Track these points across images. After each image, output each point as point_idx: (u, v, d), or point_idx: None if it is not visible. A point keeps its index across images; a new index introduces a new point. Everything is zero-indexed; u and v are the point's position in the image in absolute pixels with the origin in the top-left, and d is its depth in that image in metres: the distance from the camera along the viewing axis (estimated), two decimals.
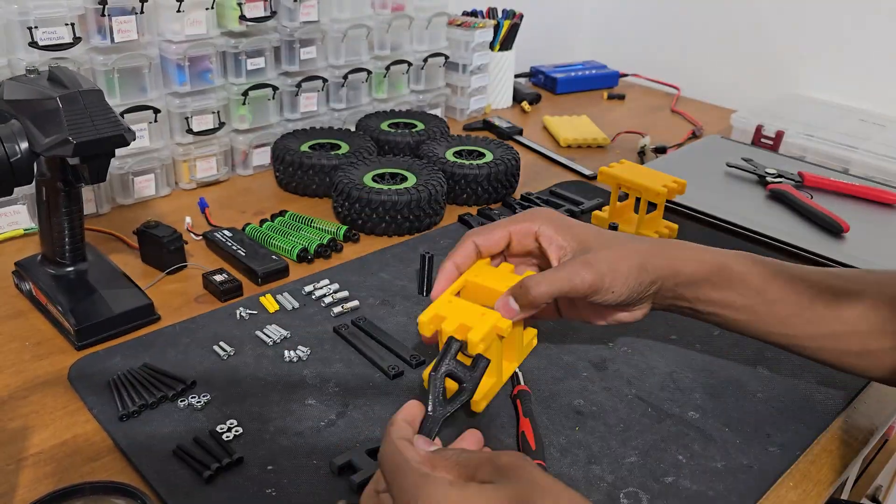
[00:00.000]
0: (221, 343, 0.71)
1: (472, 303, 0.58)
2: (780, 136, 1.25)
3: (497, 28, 1.41)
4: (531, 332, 0.66)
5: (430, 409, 0.50)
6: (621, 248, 0.58)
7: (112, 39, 0.91)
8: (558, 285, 0.56)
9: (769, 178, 1.08)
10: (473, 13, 1.45)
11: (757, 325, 0.59)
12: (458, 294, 0.61)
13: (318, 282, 0.81)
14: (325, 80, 1.14)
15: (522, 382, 0.66)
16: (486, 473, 0.41)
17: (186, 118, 1.00)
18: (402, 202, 0.91)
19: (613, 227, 0.86)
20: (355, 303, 0.78)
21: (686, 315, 0.62)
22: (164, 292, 0.80)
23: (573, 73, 1.59)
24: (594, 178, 1.14)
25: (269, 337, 0.72)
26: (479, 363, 0.54)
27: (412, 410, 0.48)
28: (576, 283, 0.55)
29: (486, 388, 0.59)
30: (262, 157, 1.11)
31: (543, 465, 0.57)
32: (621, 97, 1.56)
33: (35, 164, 0.67)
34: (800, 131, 1.25)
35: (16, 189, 0.67)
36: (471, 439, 0.49)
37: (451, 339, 0.55)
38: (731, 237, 0.96)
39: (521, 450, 0.58)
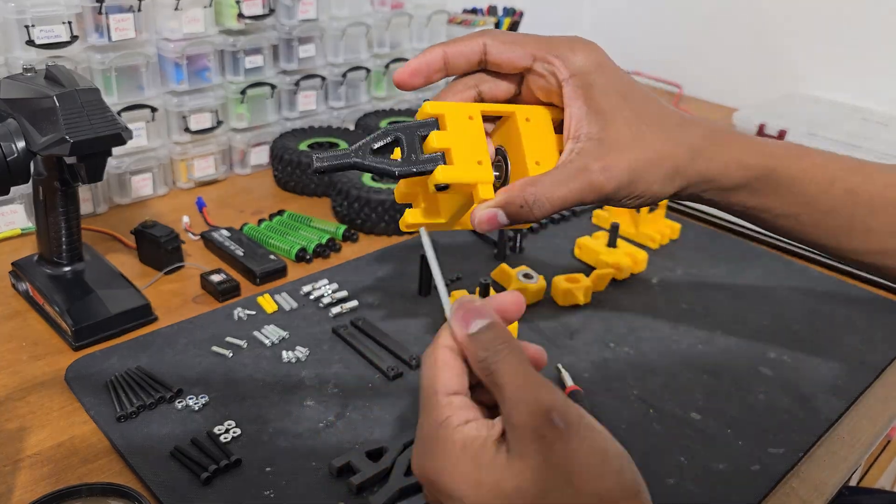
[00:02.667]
0: (219, 344, 0.70)
1: (481, 139, 0.45)
2: (782, 134, 1.24)
3: (497, 26, 1.40)
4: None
5: (352, 148, 0.43)
6: (653, 148, 0.46)
7: (109, 38, 0.91)
8: (564, 202, 0.44)
9: None
10: (473, 11, 1.45)
11: (800, 232, 0.51)
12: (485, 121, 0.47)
13: (317, 282, 0.80)
14: (323, 79, 1.13)
15: (572, 383, 0.66)
16: (504, 420, 0.36)
17: (184, 117, 1.00)
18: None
19: (615, 227, 0.86)
20: (354, 303, 0.77)
21: (708, 206, 0.52)
22: (161, 292, 0.79)
23: None
24: None
25: (268, 337, 0.71)
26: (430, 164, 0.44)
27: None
28: (587, 198, 0.45)
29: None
30: (261, 156, 1.10)
31: None
32: None
33: (32, 163, 0.67)
34: (802, 130, 1.25)
35: (12, 188, 0.67)
36: (505, 304, 0.41)
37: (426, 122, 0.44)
38: (732, 237, 0.95)
39: None
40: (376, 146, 0.44)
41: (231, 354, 0.69)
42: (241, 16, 1.01)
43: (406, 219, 0.47)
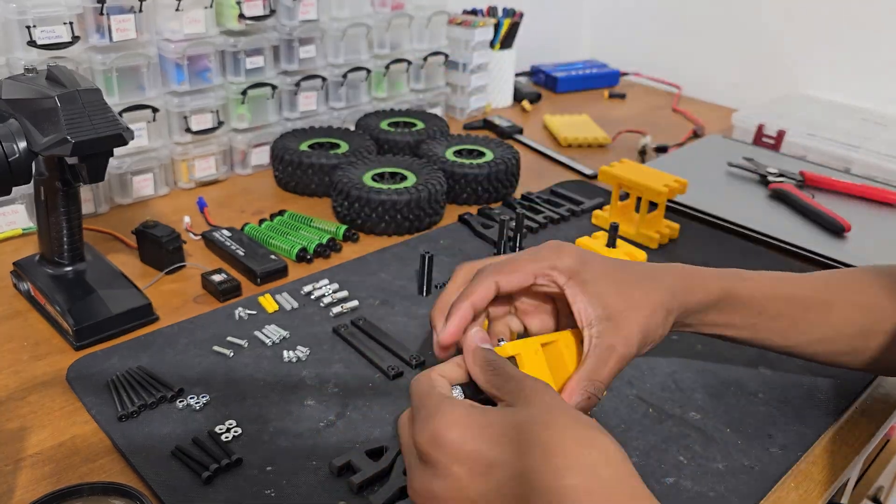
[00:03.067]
0: (220, 343, 0.70)
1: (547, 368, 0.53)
2: (781, 135, 1.25)
3: (497, 27, 1.41)
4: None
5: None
6: (646, 301, 0.54)
7: (111, 38, 0.91)
8: (610, 378, 0.52)
9: (770, 178, 1.08)
10: (473, 11, 1.45)
11: (757, 339, 0.61)
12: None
13: (318, 282, 0.81)
14: (324, 79, 1.14)
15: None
16: (509, 392, 0.44)
17: (185, 117, 1.00)
18: (402, 202, 0.91)
19: (614, 227, 0.86)
20: (355, 303, 0.77)
21: (684, 332, 0.61)
22: (162, 292, 0.80)
23: (574, 72, 1.59)
24: (595, 177, 1.14)
25: (269, 337, 0.71)
26: None
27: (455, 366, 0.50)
28: (622, 367, 0.53)
29: None
30: (262, 156, 1.11)
31: None
32: (622, 96, 1.56)
33: (33, 163, 0.67)
34: (801, 131, 1.25)
35: (14, 189, 0.67)
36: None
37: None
38: (733, 237, 0.96)
39: None
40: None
41: (232, 354, 0.69)
42: (241, 16, 1.01)
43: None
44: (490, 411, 0.43)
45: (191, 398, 0.63)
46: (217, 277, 0.79)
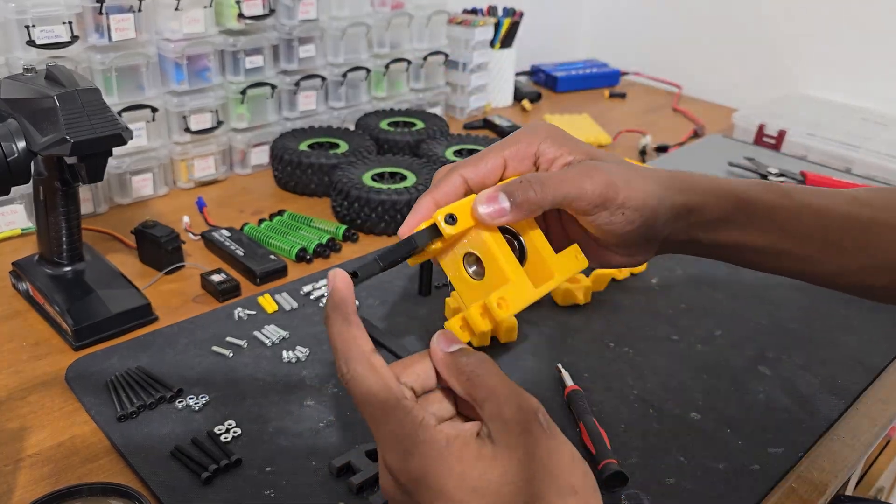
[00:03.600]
0: (220, 344, 0.70)
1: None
2: (782, 135, 1.25)
3: (497, 26, 1.40)
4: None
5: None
6: (637, 170, 0.48)
7: (110, 38, 0.91)
8: (566, 188, 0.45)
9: (771, 178, 1.08)
10: (473, 11, 1.45)
11: (780, 263, 0.53)
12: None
13: (317, 282, 0.80)
14: (323, 79, 1.13)
15: (571, 383, 0.66)
16: (490, 417, 0.38)
17: (184, 117, 1.00)
18: (402, 201, 0.91)
19: None
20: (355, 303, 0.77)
21: (697, 255, 0.53)
22: (161, 292, 0.79)
23: (574, 72, 1.59)
24: None
25: (268, 337, 0.71)
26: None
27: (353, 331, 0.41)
28: (586, 187, 0.45)
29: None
30: (261, 156, 1.11)
31: (615, 462, 0.56)
32: (622, 96, 1.56)
33: (32, 163, 0.67)
34: (802, 130, 1.25)
35: (13, 188, 0.67)
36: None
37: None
38: None
39: (583, 453, 0.51)
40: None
41: (231, 354, 0.69)
42: (241, 16, 1.01)
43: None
44: (480, 456, 0.37)
45: (190, 398, 0.63)
46: (216, 277, 0.79)
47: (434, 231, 0.44)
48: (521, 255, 0.48)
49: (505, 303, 0.44)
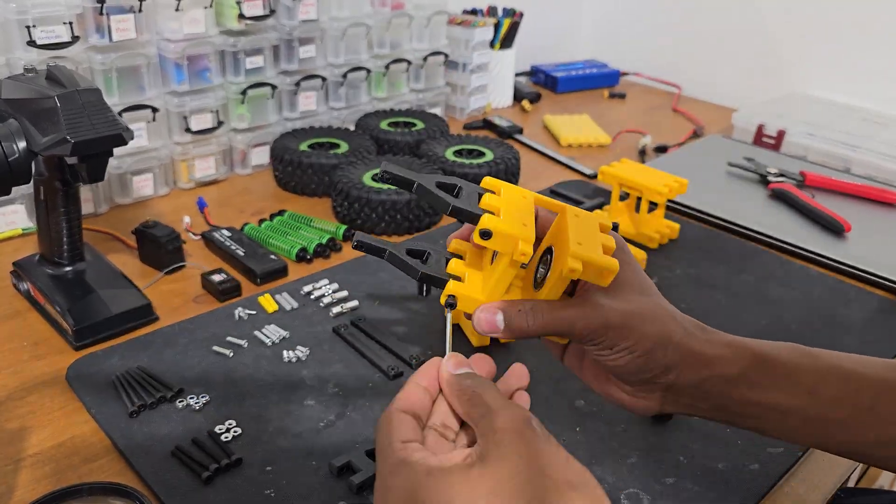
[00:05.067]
0: (220, 343, 0.70)
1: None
2: (781, 135, 1.25)
3: (497, 26, 1.41)
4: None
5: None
6: (648, 306, 0.48)
7: (110, 38, 0.91)
8: (557, 324, 0.46)
9: (770, 178, 1.08)
10: (473, 11, 1.45)
11: (811, 432, 0.49)
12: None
13: (318, 282, 0.81)
14: (324, 79, 1.14)
15: None
16: (483, 432, 0.39)
17: (185, 117, 1.00)
18: (402, 202, 0.91)
19: (614, 227, 0.86)
20: (354, 303, 0.77)
21: (716, 420, 0.50)
22: (162, 292, 0.80)
23: (574, 72, 1.59)
24: (595, 177, 1.14)
25: (268, 337, 0.71)
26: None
27: (417, 395, 0.43)
28: (577, 326, 0.46)
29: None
30: (261, 156, 1.11)
31: None
32: (622, 96, 1.56)
33: (33, 163, 0.67)
34: (801, 130, 1.25)
35: (14, 188, 0.67)
36: (481, 364, 0.45)
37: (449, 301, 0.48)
38: (732, 237, 0.96)
39: None
40: (440, 185, 0.48)
41: (232, 354, 0.69)
42: (241, 16, 1.01)
43: (448, 288, 0.48)
44: (467, 477, 0.37)
45: (190, 398, 0.63)
46: (217, 277, 0.79)
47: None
48: (543, 280, 0.48)
49: (455, 307, 0.48)
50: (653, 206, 0.93)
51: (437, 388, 0.44)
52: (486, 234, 0.45)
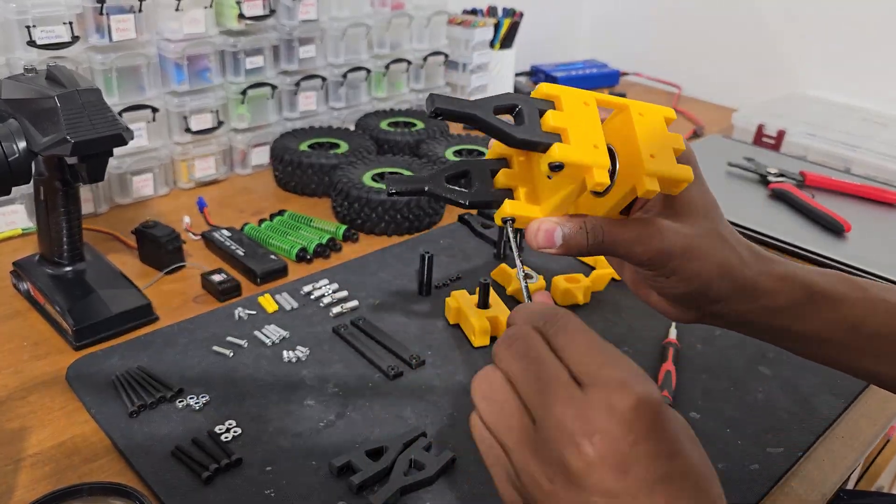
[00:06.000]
0: (220, 344, 0.70)
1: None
2: (781, 135, 1.25)
3: (497, 26, 1.40)
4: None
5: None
6: (712, 235, 0.46)
7: (110, 38, 0.91)
8: (617, 247, 0.45)
9: (770, 178, 1.08)
10: (473, 11, 1.45)
11: (849, 361, 0.50)
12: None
13: (317, 282, 0.81)
14: (324, 79, 1.14)
15: (674, 337, 0.72)
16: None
17: (185, 117, 1.00)
18: (402, 202, 0.91)
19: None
20: (354, 303, 0.77)
21: (752, 335, 0.51)
22: (162, 292, 0.80)
23: (574, 72, 1.59)
24: None
25: (268, 337, 0.71)
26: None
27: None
28: (636, 250, 0.45)
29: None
30: (261, 156, 1.11)
31: (669, 397, 0.64)
32: (622, 96, 1.56)
33: (33, 163, 0.67)
34: (801, 131, 1.25)
35: (14, 188, 0.67)
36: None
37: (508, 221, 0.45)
38: None
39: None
40: (496, 109, 0.43)
41: (232, 354, 0.69)
42: (241, 16, 1.01)
43: (504, 209, 0.45)
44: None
45: (190, 398, 0.63)
46: (217, 277, 0.79)
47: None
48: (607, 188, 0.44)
49: (514, 224, 0.45)
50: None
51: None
52: (556, 167, 0.41)
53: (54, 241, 0.74)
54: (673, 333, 0.73)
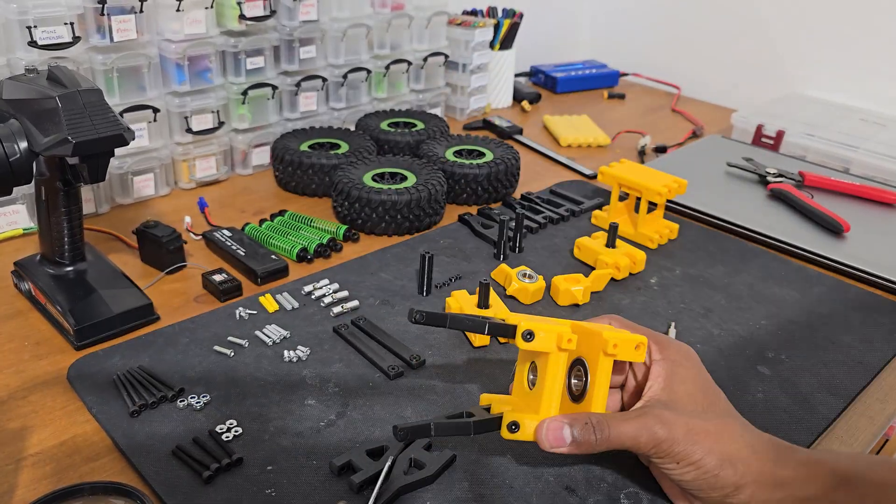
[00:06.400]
0: (221, 343, 0.70)
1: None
2: (780, 135, 1.25)
3: (497, 27, 1.41)
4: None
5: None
6: (713, 423, 0.48)
7: (111, 39, 0.91)
8: (623, 439, 0.47)
9: (770, 178, 1.08)
10: (473, 12, 1.45)
11: None
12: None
13: (318, 282, 0.81)
14: (324, 80, 1.14)
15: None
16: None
17: (186, 118, 1.00)
18: (402, 202, 0.91)
19: (614, 227, 0.86)
20: (355, 303, 0.77)
21: None
22: (163, 292, 0.80)
23: (573, 73, 1.59)
24: (594, 177, 1.14)
25: (269, 337, 0.72)
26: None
27: None
28: (641, 440, 0.47)
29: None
30: (262, 156, 1.11)
31: None
32: (621, 97, 1.56)
33: (34, 163, 0.67)
34: (800, 131, 1.25)
35: (15, 188, 0.67)
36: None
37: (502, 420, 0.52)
38: (732, 237, 0.96)
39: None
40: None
41: (232, 354, 0.69)
42: (242, 17, 1.01)
43: (508, 417, 0.51)
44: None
45: (191, 398, 0.63)
46: (218, 277, 0.79)
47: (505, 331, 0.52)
48: (582, 391, 0.52)
49: (519, 429, 0.50)
50: (652, 206, 0.93)
51: None
52: (528, 335, 0.49)
53: (55, 241, 0.75)
54: (672, 333, 0.74)
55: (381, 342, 0.71)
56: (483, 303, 0.74)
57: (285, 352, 0.69)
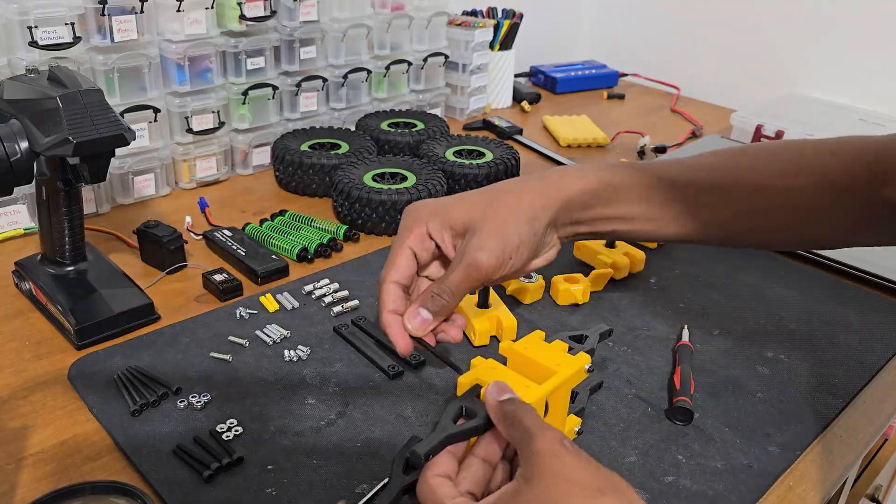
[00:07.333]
0: (221, 343, 0.71)
1: (516, 373, 0.57)
2: (780, 135, 1.25)
3: (497, 28, 1.41)
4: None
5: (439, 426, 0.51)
6: (505, 210, 0.58)
7: (112, 39, 0.91)
8: (462, 286, 0.57)
9: None
10: (473, 13, 1.45)
11: (654, 231, 0.63)
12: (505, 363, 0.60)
13: (318, 281, 0.81)
14: (324, 80, 1.14)
15: (687, 339, 0.73)
16: (526, 456, 0.44)
17: (186, 118, 1.00)
18: (402, 202, 0.91)
19: None
20: (355, 302, 0.78)
21: (590, 238, 0.64)
22: (163, 292, 0.80)
23: (573, 73, 1.59)
24: None
25: (269, 336, 0.72)
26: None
27: (446, 463, 0.49)
28: (474, 276, 0.56)
29: None
30: (262, 156, 1.11)
31: (688, 401, 0.63)
32: (621, 97, 1.56)
33: (35, 163, 0.67)
34: (800, 131, 1.25)
35: (16, 188, 0.67)
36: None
37: (476, 386, 0.55)
38: None
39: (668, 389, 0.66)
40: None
41: (231, 359, 0.69)
42: (242, 17, 1.01)
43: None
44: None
45: (192, 397, 0.63)
46: (218, 277, 0.80)
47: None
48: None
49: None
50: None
51: (461, 451, 0.50)
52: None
53: (56, 240, 0.75)
54: (686, 335, 0.74)
55: (381, 342, 0.72)
56: (483, 303, 0.74)
57: (286, 351, 0.70)
